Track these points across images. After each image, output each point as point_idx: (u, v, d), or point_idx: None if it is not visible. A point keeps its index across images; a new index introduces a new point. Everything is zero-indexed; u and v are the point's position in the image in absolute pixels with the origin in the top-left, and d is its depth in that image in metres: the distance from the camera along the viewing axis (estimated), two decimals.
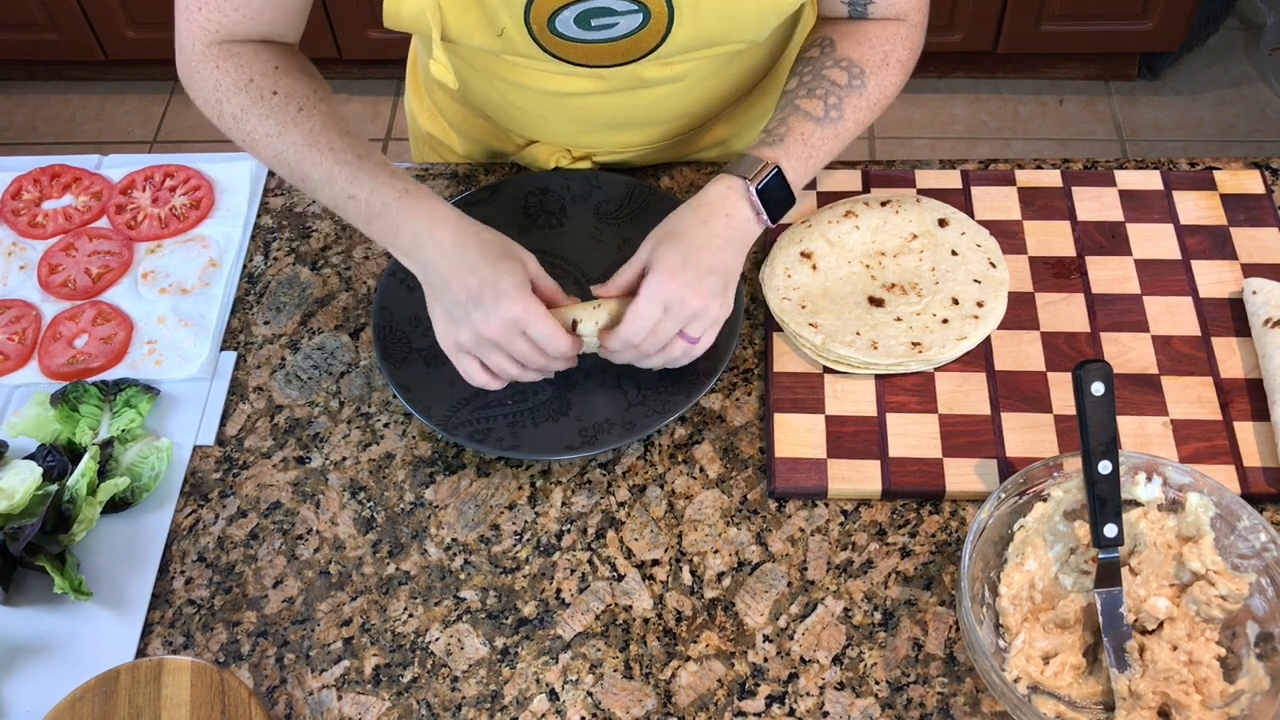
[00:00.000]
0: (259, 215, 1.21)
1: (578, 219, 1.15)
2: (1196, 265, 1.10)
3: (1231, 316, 1.07)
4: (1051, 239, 1.13)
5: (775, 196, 0.97)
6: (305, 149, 0.96)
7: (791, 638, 0.92)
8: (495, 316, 0.90)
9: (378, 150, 0.99)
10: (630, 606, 0.94)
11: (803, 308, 1.06)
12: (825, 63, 1.01)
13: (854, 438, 1.00)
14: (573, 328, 0.96)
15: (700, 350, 0.98)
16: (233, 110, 0.99)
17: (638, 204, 1.14)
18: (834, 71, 1.01)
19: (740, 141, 1.24)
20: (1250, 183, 1.16)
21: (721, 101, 1.16)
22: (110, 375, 1.08)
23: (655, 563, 0.96)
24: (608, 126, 1.14)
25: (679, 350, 0.96)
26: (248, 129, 0.98)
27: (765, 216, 0.97)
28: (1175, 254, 1.11)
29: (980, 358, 1.05)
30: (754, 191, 0.95)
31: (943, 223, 1.12)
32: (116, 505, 0.99)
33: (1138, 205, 1.15)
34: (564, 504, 0.99)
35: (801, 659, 0.90)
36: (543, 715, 0.89)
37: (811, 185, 1.18)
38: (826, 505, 0.98)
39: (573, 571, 0.96)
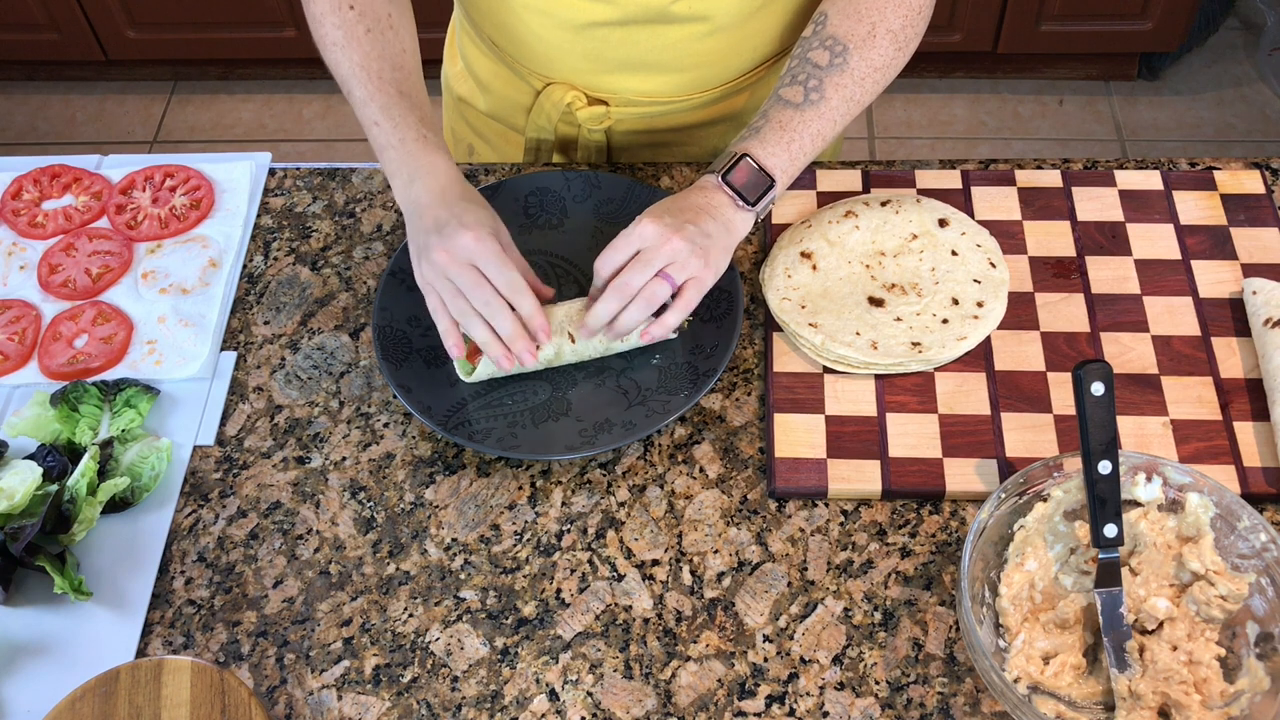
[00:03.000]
0: (259, 215, 1.21)
1: (578, 219, 1.15)
2: (1196, 265, 1.10)
3: (1231, 316, 1.07)
4: (1051, 239, 1.13)
5: (747, 181, 1.00)
6: (359, 68, 1.03)
7: (791, 638, 0.92)
8: (451, 243, 0.95)
9: (423, 93, 1.05)
10: (630, 606, 0.94)
11: (803, 308, 1.06)
12: (812, 43, 1.04)
13: (854, 438, 1.00)
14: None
15: (689, 302, 0.98)
16: (316, 10, 1.06)
17: (638, 204, 1.14)
18: (817, 53, 1.03)
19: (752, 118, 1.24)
20: (1250, 183, 1.16)
21: (745, 56, 1.16)
22: (110, 375, 1.08)
23: (655, 563, 0.96)
24: (624, 66, 1.14)
25: (661, 292, 0.96)
26: (321, 32, 1.06)
27: (741, 201, 1.00)
28: (1175, 254, 1.11)
29: (980, 358, 1.05)
30: (722, 180, 1.00)
31: (943, 223, 1.12)
32: (116, 505, 0.99)
33: (1138, 205, 1.15)
34: (564, 504, 0.99)
35: (801, 659, 0.91)
36: (543, 715, 0.89)
37: (811, 185, 1.18)
38: (826, 505, 0.98)
39: (573, 571, 0.96)
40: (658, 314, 0.99)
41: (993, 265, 1.09)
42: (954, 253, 1.09)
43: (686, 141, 1.25)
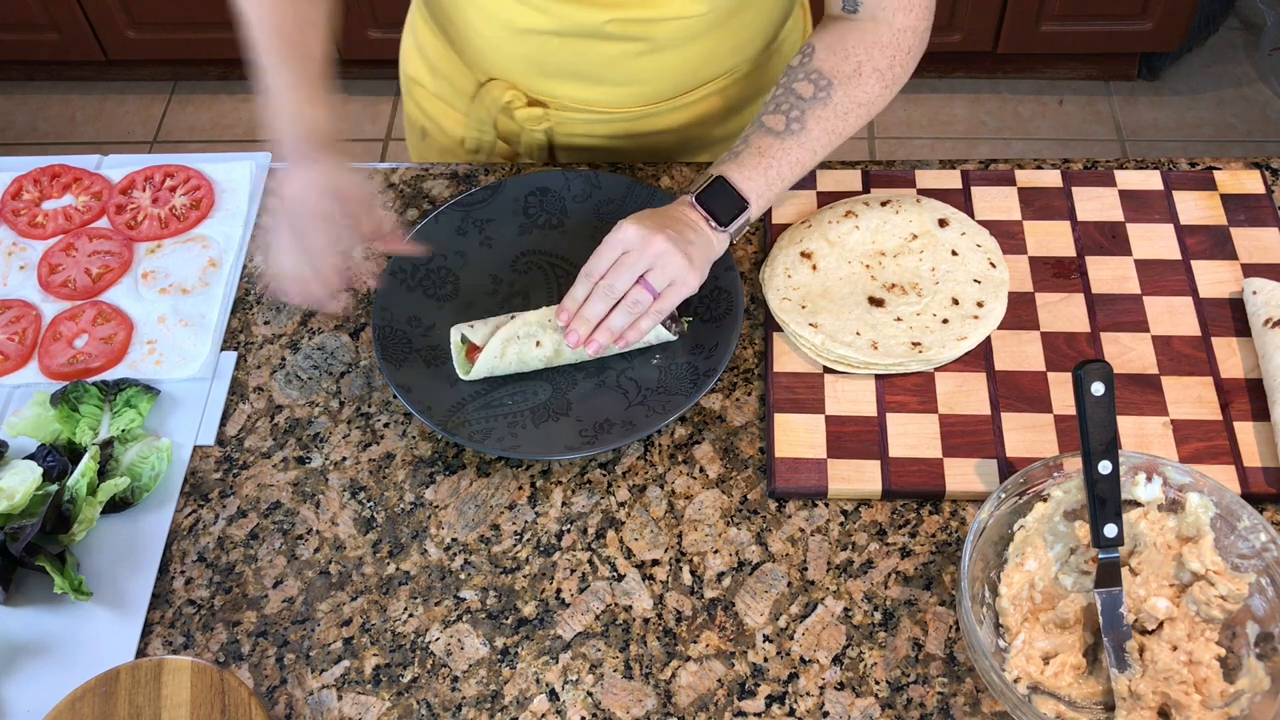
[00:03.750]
0: (259, 215, 1.21)
1: (578, 219, 1.15)
2: (1196, 265, 1.10)
3: (1231, 316, 1.07)
4: (1051, 239, 1.13)
5: (720, 201, 1.01)
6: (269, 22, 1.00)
7: (791, 638, 0.92)
8: (283, 186, 0.98)
9: (320, 54, 1.02)
10: (630, 606, 0.94)
11: (803, 308, 1.06)
12: (797, 75, 1.04)
13: (854, 438, 1.00)
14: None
15: (664, 308, 0.98)
16: None
17: (637, 204, 1.14)
18: (801, 85, 1.04)
19: (699, 131, 1.24)
20: (1250, 183, 1.16)
21: (687, 77, 1.16)
22: (110, 375, 1.08)
23: (655, 563, 0.96)
24: (563, 74, 1.15)
25: (642, 299, 0.97)
26: None
27: (714, 222, 1.01)
28: (1175, 254, 1.11)
29: (980, 358, 1.05)
30: (696, 200, 1.01)
31: (943, 223, 1.12)
32: (116, 505, 0.99)
33: (1138, 205, 1.15)
34: (564, 504, 0.99)
35: (801, 659, 0.91)
36: (543, 715, 0.89)
37: (811, 185, 1.18)
38: (826, 505, 0.98)
39: (573, 571, 0.96)
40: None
41: (993, 265, 1.09)
42: (954, 253, 1.09)
43: (630, 149, 1.24)
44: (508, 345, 1.02)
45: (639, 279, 0.97)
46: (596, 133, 1.21)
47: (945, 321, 1.05)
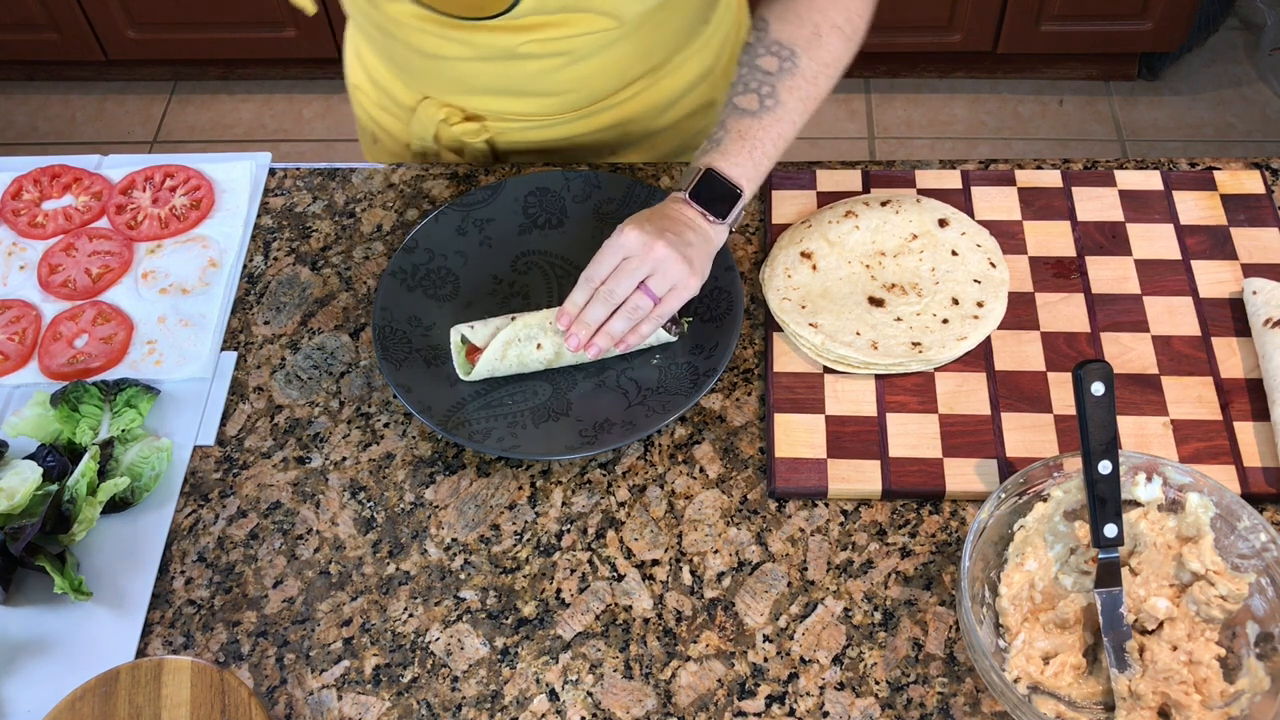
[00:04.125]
0: (259, 215, 1.21)
1: (578, 219, 1.15)
2: (1196, 265, 1.10)
3: (1231, 316, 1.07)
4: (1051, 239, 1.13)
5: (713, 194, 1.00)
6: None
7: (791, 638, 0.92)
8: None
9: None
10: (630, 606, 0.94)
11: (803, 308, 1.06)
12: (758, 50, 1.04)
13: (854, 438, 1.00)
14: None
15: (664, 313, 0.98)
16: None
17: (637, 204, 1.14)
18: (765, 60, 1.03)
19: (640, 125, 1.24)
20: (1250, 183, 1.16)
21: (614, 79, 1.16)
22: (110, 375, 1.08)
23: (655, 563, 0.96)
24: (492, 91, 1.16)
25: (642, 305, 0.97)
26: None
27: (711, 217, 1.00)
28: (1175, 254, 1.11)
29: (980, 358, 1.05)
30: (690, 197, 1.00)
31: (943, 223, 1.12)
32: (116, 505, 0.99)
33: (1138, 205, 1.15)
34: (564, 504, 0.99)
35: (801, 659, 0.91)
36: (543, 715, 0.89)
37: (811, 185, 1.18)
38: (826, 505, 0.98)
39: (573, 571, 0.96)
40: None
41: (993, 265, 1.09)
42: (954, 253, 1.09)
43: (572, 148, 1.25)
44: (508, 348, 1.02)
45: (639, 284, 0.97)
46: (534, 138, 1.22)
47: (945, 321, 1.05)
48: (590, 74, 1.14)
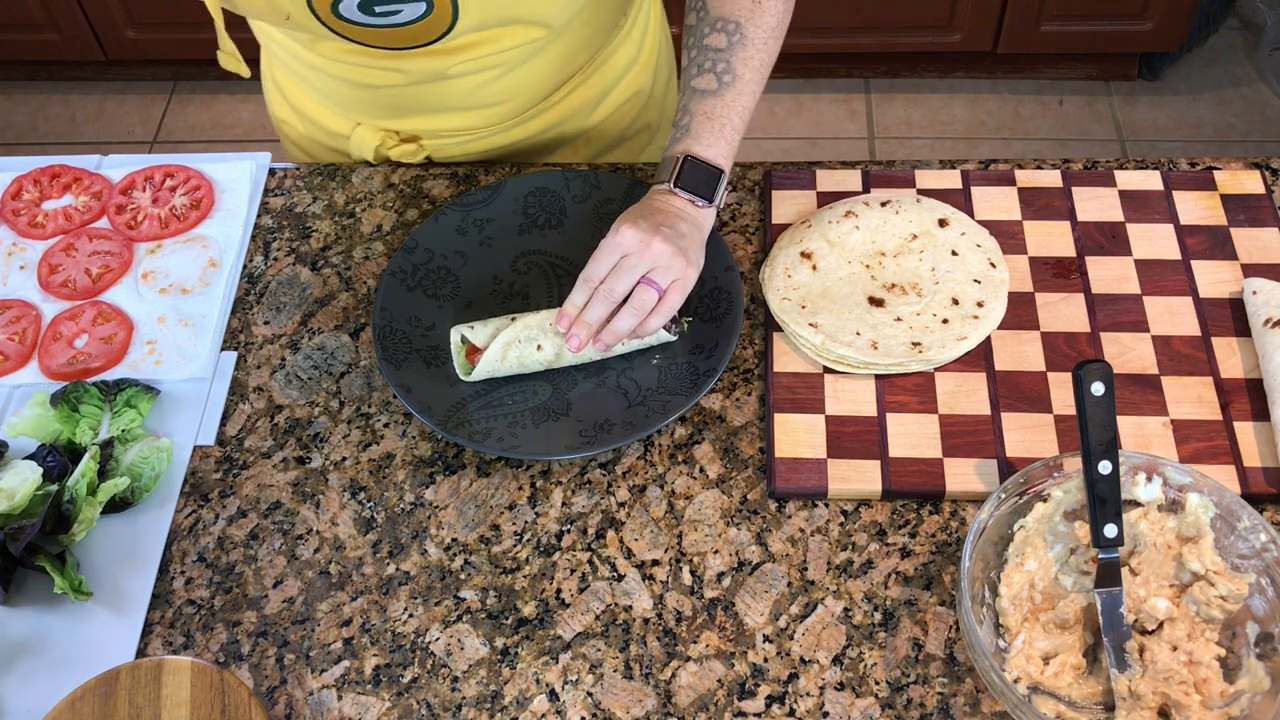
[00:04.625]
0: (259, 215, 1.21)
1: (578, 219, 1.15)
2: (1196, 265, 1.10)
3: (1231, 316, 1.06)
4: (1051, 239, 1.13)
5: (696, 180, 1.01)
6: None
7: (791, 638, 0.92)
8: None
9: None
10: (630, 606, 0.94)
11: (803, 308, 1.06)
12: (703, 30, 1.04)
13: (854, 438, 1.00)
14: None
15: (673, 304, 0.98)
16: None
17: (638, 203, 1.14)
18: (713, 37, 1.04)
19: (574, 124, 1.25)
20: (1250, 183, 1.16)
21: (546, 83, 1.17)
22: (110, 375, 1.08)
23: (655, 563, 0.96)
24: (426, 110, 1.16)
25: (648, 298, 0.97)
26: None
27: (700, 202, 1.01)
28: (1175, 254, 1.11)
29: (980, 358, 1.05)
30: (675, 188, 1.01)
31: (943, 223, 1.12)
32: (116, 505, 0.99)
33: (1138, 205, 1.15)
34: (564, 504, 0.99)
35: (801, 659, 0.90)
36: (543, 715, 0.89)
37: (811, 185, 1.18)
38: (826, 505, 0.98)
39: (573, 571, 0.96)
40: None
41: (993, 265, 1.09)
42: (954, 253, 1.09)
43: (511, 155, 1.26)
44: (509, 349, 1.02)
45: (641, 279, 0.97)
46: (472, 150, 1.23)
47: (945, 321, 1.05)
48: (521, 83, 1.15)
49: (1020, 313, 1.08)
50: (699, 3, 1.06)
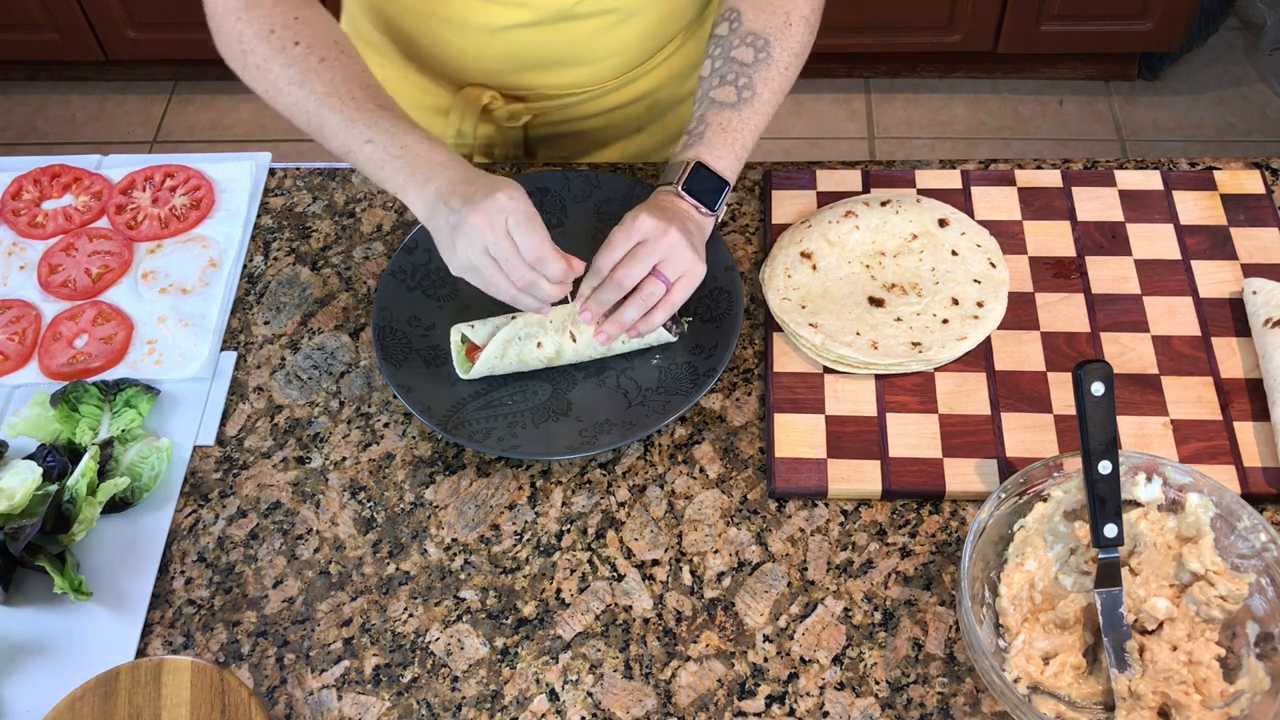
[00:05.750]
0: (259, 215, 1.21)
1: (578, 219, 1.15)
2: (1196, 265, 1.10)
3: (1231, 316, 1.07)
4: (1051, 239, 1.13)
5: (704, 187, 1.02)
6: (325, 96, 0.99)
7: (791, 638, 0.92)
8: (487, 203, 0.92)
9: (396, 104, 1.02)
10: (630, 606, 0.94)
11: (803, 308, 1.06)
12: (733, 41, 1.06)
13: (854, 438, 1.00)
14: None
15: (677, 300, 0.98)
16: (256, 60, 1.02)
17: (637, 204, 1.14)
18: (740, 51, 1.05)
19: (668, 92, 1.27)
20: (1250, 183, 1.16)
21: (654, 40, 1.19)
22: (110, 375, 1.08)
23: (655, 563, 0.96)
24: (539, 65, 1.16)
25: (656, 290, 0.97)
26: (270, 78, 1.02)
27: (703, 209, 1.02)
28: (1175, 254, 1.11)
29: (980, 358, 1.05)
30: (682, 191, 1.02)
31: (943, 223, 1.12)
32: (116, 505, 0.99)
33: (1138, 205, 1.15)
34: (564, 504, 0.99)
35: (801, 659, 0.91)
36: (543, 715, 0.89)
37: (811, 185, 1.18)
38: (826, 505, 0.98)
39: (573, 571, 0.96)
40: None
41: (993, 265, 1.09)
42: (954, 253, 1.09)
43: (605, 125, 1.27)
44: (509, 345, 1.02)
45: (651, 270, 0.97)
46: (573, 115, 1.23)
47: (945, 321, 1.05)
48: (633, 36, 1.16)
49: (1020, 313, 1.08)
50: (733, 14, 1.07)
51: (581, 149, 1.30)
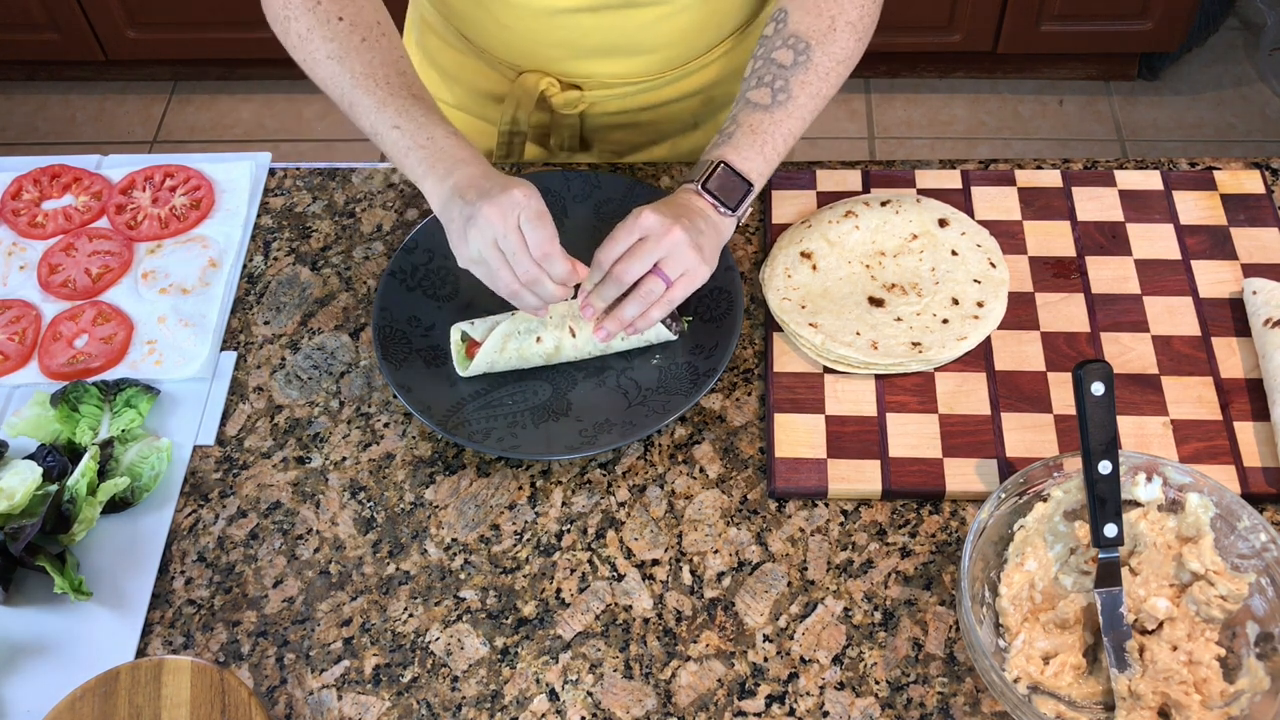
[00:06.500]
0: (259, 215, 1.21)
1: (578, 219, 1.15)
2: (1196, 265, 1.10)
3: (1231, 316, 1.07)
4: (1051, 239, 1.13)
5: (725, 187, 1.01)
6: (363, 76, 1.01)
7: (791, 638, 0.92)
8: (499, 199, 0.93)
9: (429, 94, 1.03)
10: (630, 606, 0.94)
11: (803, 308, 1.06)
12: (775, 43, 1.05)
13: (854, 438, 1.00)
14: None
15: (675, 299, 0.98)
16: (298, 29, 1.04)
17: (637, 203, 1.14)
18: (781, 53, 1.05)
19: (723, 89, 1.26)
20: (1250, 183, 1.16)
21: (712, 32, 1.18)
22: (110, 375, 1.08)
23: (655, 563, 0.96)
24: (596, 52, 1.16)
25: (655, 288, 0.97)
26: (310, 48, 1.03)
27: (722, 208, 1.01)
28: (1175, 254, 1.11)
29: (980, 358, 1.05)
30: (701, 188, 1.01)
31: (943, 223, 1.12)
32: (116, 505, 0.99)
33: (1138, 205, 1.15)
34: (564, 504, 0.99)
35: (801, 659, 0.91)
36: (543, 715, 0.89)
37: (811, 185, 1.18)
38: (826, 505, 0.98)
39: (573, 571, 0.96)
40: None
41: (993, 265, 1.09)
42: (954, 253, 1.10)
43: (660, 119, 1.26)
44: (508, 340, 1.02)
45: (653, 267, 0.97)
46: (629, 106, 1.23)
47: (945, 321, 1.05)
48: (689, 27, 1.15)
49: (1020, 313, 1.08)
50: (780, 15, 1.06)
51: (636, 143, 1.30)
